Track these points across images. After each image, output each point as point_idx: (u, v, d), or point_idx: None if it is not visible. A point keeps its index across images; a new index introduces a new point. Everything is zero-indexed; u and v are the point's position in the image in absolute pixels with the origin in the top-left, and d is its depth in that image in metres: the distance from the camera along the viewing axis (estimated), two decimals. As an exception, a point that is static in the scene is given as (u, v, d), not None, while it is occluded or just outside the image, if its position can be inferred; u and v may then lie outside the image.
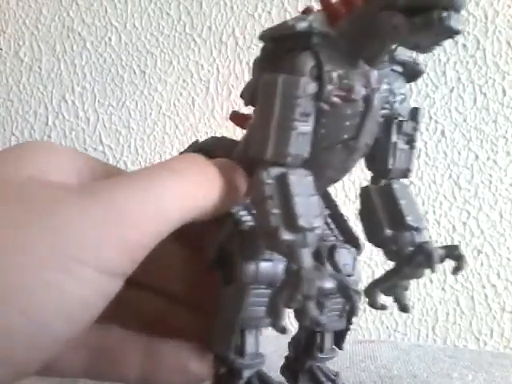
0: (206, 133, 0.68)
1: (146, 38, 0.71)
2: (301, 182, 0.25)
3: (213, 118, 0.69)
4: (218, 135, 0.34)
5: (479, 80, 0.63)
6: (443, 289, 0.63)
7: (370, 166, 0.30)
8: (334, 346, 0.35)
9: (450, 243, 0.63)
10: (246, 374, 0.30)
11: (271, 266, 0.29)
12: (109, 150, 0.70)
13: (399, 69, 0.28)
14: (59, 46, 0.72)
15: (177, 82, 0.70)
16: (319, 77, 0.25)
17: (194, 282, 0.31)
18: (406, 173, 0.30)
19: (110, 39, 0.71)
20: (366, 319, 0.64)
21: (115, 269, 0.20)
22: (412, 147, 0.29)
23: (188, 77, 0.70)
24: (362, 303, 0.64)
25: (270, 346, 0.46)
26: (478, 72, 0.63)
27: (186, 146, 0.35)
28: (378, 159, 0.29)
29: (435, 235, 0.63)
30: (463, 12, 0.22)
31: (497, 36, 0.63)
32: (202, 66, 0.69)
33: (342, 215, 0.34)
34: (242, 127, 0.31)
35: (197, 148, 0.34)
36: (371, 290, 0.29)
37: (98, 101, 0.71)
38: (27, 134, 0.72)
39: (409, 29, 0.22)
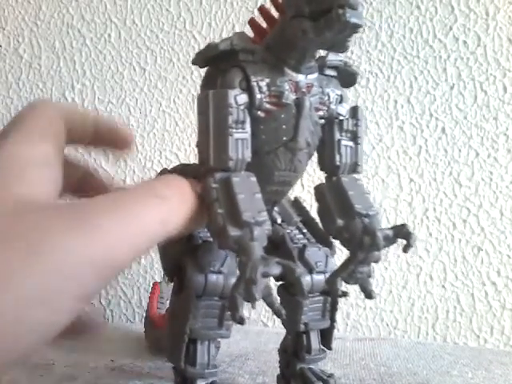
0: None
1: (146, 35, 0.70)
2: (244, 183, 0.27)
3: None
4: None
5: (480, 77, 0.63)
6: (443, 286, 0.63)
7: (321, 166, 0.33)
8: (322, 347, 0.36)
9: (450, 241, 0.63)
10: (200, 383, 0.32)
11: (222, 278, 0.31)
12: (108, 147, 0.69)
13: (332, 72, 0.31)
14: (59, 42, 0.72)
15: (177, 79, 0.70)
16: (248, 88, 0.28)
17: None
18: (354, 167, 0.32)
19: (109, 36, 0.71)
20: (366, 317, 0.64)
21: (93, 293, 0.21)
22: (356, 143, 0.32)
23: (188, 74, 0.69)
24: (363, 300, 0.64)
25: (270, 343, 0.47)
26: (478, 69, 0.63)
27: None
28: (326, 158, 0.32)
29: (436, 232, 0.63)
30: (360, 7, 0.24)
31: (497, 33, 0.63)
32: (201, 62, 0.69)
33: (313, 219, 0.36)
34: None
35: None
36: (331, 280, 0.30)
37: (98, 98, 0.71)
38: (27, 131, 0.72)
39: (314, 30, 0.25)
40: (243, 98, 0.28)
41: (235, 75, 0.28)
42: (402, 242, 0.28)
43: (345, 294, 0.31)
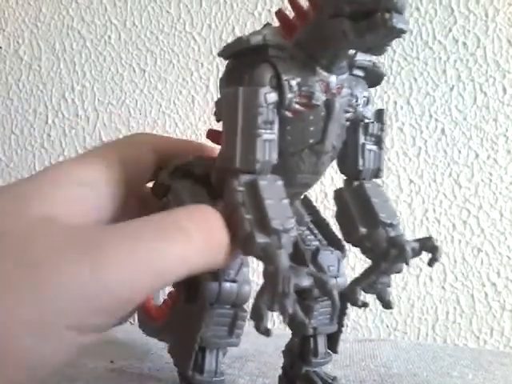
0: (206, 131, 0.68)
1: (146, 36, 0.70)
2: (271, 187, 0.26)
3: (213, 116, 0.68)
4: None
5: (479, 78, 0.63)
6: (443, 287, 0.63)
7: (342, 169, 0.31)
8: (328, 350, 0.35)
9: (450, 242, 0.63)
10: None
11: (235, 286, 0.29)
12: (108, 148, 0.69)
13: (360, 73, 0.29)
14: (59, 44, 0.72)
15: (177, 81, 0.70)
16: (279, 86, 0.26)
17: None
18: (377, 172, 0.31)
19: (109, 37, 0.71)
20: (366, 318, 0.64)
21: (100, 327, 0.20)
22: (380, 148, 0.31)
23: (188, 75, 0.69)
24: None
25: (271, 346, 0.47)
26: (478, 70, 0.63)
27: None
28: (348, 161, 0.30)
29: (435, 234, 0.63)
30: (406, 12, 0.22)
31: (497, 34, 0.63)
32: (201, 64, 0.69)
33: (324, 220, 0.35)
34: (218, 143, 0.31)
35: (172, 166, 0.34)
36: (352, 289, 0.30)
37: (98, 99, 0.71)
38: (27, 132, 0.72)
39: (355, 32, 0.23)
40: (273, 97, 0.26)
41: (265, 71, 0.26)
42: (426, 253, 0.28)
43: (365, 305, 0.30)
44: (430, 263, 0.28)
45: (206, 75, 0.69)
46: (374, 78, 0.30)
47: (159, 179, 0.33)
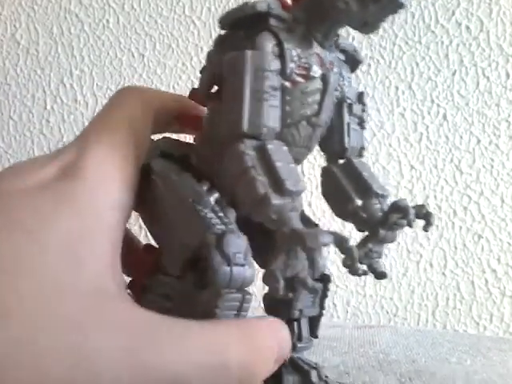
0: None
1: (145, 20, 0.70)
2: (279, 151, 0.26)
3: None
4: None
5: (482, 63, 0.62)
6: (443, 274, 0.63)
7: (326, 148, 0.32)
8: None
9: (451, 228, 0.63)
10: None
11: (243, 270, 0.29)
12: (107, 134, 0.69)
13: (342, 57, 0.31)
14: (56, 28, 0.71)
15: (176, 65, 0.69)
16: (280, 55, 0.26)
17: None
18: (360, 151, 0.32)
19: (107, 21, 0.70)
20: (366, 304, 0.64)
21: None
22: (362, 127, 0.32)
23: (187, 60, 0.69)
24: (362, 288, 0.64)
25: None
26: (481, 54, 0.62)
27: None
28: (334, 139, 0.31)
29: (436, 220, 0.63)
30: None
31: (501, 17, 0.62)
32: (201, 48, 0.68)
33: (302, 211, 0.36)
34: (203, 104, 0.32)
35: (152, 145, 0.33)
36: (351, 257, 0.30)
37: (97, 84, 0.70)
38: (25, 117, 0.71)
39: (358, 3, 0.24)
40: (276, 65, 0.26)
41: (268, 39, 0.26)
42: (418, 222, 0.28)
43: (365, 273, 0.30)
44: (426, 228, 0.28)
45: (206, 60, 0.68)
46: (352, 62, 0.31)
47: None
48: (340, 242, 0.24)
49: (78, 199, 0.20)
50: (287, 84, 0.27)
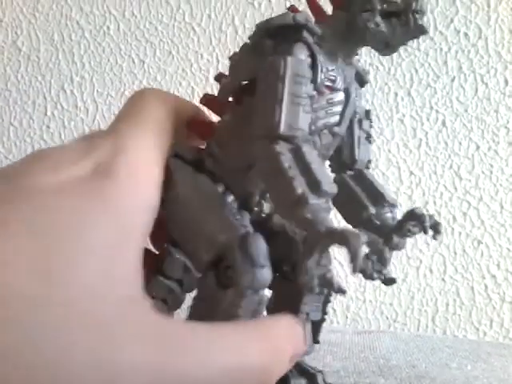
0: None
1: (145, 27, 0.70)
2: (312, 153, 0.27)
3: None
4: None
5: (481, 69, 0.63)
6: (443, 279, 0.63)
7: (336, 158, 0.33)
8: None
9: (450, 234, 0.63)
10: None
11: (264, 271, 0.29)
12: (108, 140, 0.69)
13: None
14: (57, 35, 0.72)
15: (176, 72, 0.69)
16: (313, 66, 0.28)
17: None
18: (367, 164, 0.34)
19: (108, 28, 0.71)
20: (365, 310, 0.64)
21: None
22: (370, 142, 0.34)
23: (187, 66, 0.69)
24: (362, 293, 0.64)
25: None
26: (479, 61, 0.63)
27: None
28: (345, 151, 0.33)
29: (435, 226, 0.63)
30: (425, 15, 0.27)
31: (499, 24, 0.62)
32: (201, 55, 0.69)
33: None
34: (213, 110, 0.32)
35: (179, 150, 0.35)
36: (364, 264, 0.30)
37: (97, 91, 0.71)
38: (26, 124, 0.71)
39: (388, 27, 0.27)
40: (310, 73, 0.28)
41: (303, 49, 0.28)
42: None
43: (379, 278, 0.31)
44: (434, 237, 0.29)
45: (206, 66, 0.68)
46: (360, 82, 0.33)
47: None
48: (374, 242, 0.25)
49: (113, 200, 0.20)
50: (315, 93, 0.28)
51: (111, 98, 0.70)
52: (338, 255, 0.55)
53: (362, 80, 0.33)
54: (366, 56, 0.65)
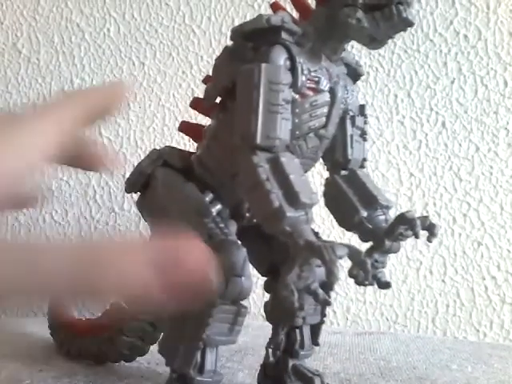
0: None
1: (145, 29, 0.70)
2: (291, 163, 0.26)
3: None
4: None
5: (480, 71, 0.63)
6: (443, 281, 0.63)
7: (329, 158, 0.33)
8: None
9: (450, 235, 0.63)
10: None
11: (240, 281, 0.29)
12: (108, 141, 0.69)
13: (345, 70, 0.31)
14: (57, 37, 0.72)
15: (176, 74, 0.69)
16: (292, 69, 0.27)
17: None
18: (362, 162, 0.33)
19: (108, 30, 0.71)
20: (366, 311, 0.64)
21: None
22: (364, 139, 0.33)
23: (187, 68, 0.69)
24: (362, 295, 0.64)
25: (260, 339, 0.46)
26: (479, 63, 0.63)
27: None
28: (337, 151, 0.32)
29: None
30: (415, 6, 0.25)
31: (499, 26, 0.62)
32: (201, 57, 0.69)
33: None
34: (203, 113, 0.33)
35: (155, 155, 0.35)
36: (355, 269, 0.30)
37: (97, 92, 0.71)
38: (26, 126, 0.71)
39: (369, 21, 0.26)
40: (288, 78, 0.27)
41: (280, 52, 0.27)
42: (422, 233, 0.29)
43: (371, 283, 0.31)
44: (429, 239, 0.29)
45: (206, 68, 0.68)
46: (354, 75, 0.32)
47: (138, 168, 0.34)
48: (355, 254, 0.24)
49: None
50: (297, 97, 0.28)
51: (111, 100, 0.70)
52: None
53: (355, 73, 0.32)
54: (365, 58, 0.65)
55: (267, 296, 0.36)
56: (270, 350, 0.35)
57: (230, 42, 0.30)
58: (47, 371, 0.41)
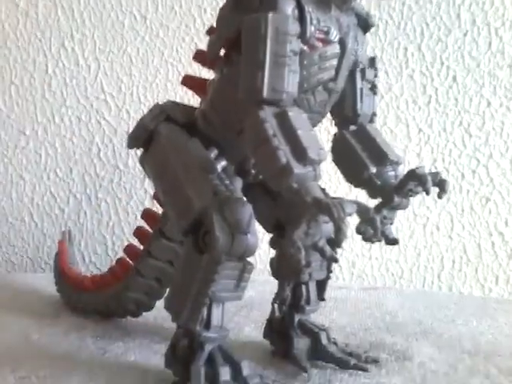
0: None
1: (146, -20, 0.68)
2: (299, 118, 0.25)
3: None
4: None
5: (495, 22, 0.61)
6: (450, 237, 0.63)
7: (338, 113, 0.32)
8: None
9: (458, 191, 0.62)
10: (209, 347, 0.30)
11: (246, 239, 0.28)
12: (111, 98, 0.68)
13: (355, 20, 0.30)
14: (56, -11, 0.69)
15: (179, 28, 0.67)
16: (301, 18, 0.26)
17: None
18: (372, 117, 0.32)
19: (108, -18, 0.68)
20: (371, 266, 0.64)
21: None
22: (375, 93, 0.32)
23: (191, 22, 0.67)
24: (368, 250, 0.64)
25: (266, 294, 0.46)
26: (494, 14, 0.61)
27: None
28: (346, 105, 0.31)
29: (443, 184, 0.62)
30: None
31: (515, -26, 0.60)
32: (204, 9, 0.67)
33: None
34: (209, 67, 0.31)
35: (158, 110, 0.34)
36: (363, 225, 0.30)
37: (99, 48, 0.69)
38: (27, 82, 0.70)
39: None
40: (296, 28, 0.26)
41: (288, 2, 0.26)
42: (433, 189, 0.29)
43: (379, 240, 0.30)
44: (440, 195, 0.28)
45: (210, 21, 0.66)
46: (364, 26, 0.31)
47: (141, 123, 0.33)
48: (364, 211, 0.24)
49: None
50: (305, 48, 0.26)
51: (113, 54, 0.69)
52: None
53: (366, 24, 0.31)
54: (374, 10, 0.62)
55: (273, 252, 0.36)
56: (276, 305, 0.36)
57: None
58: (56, 326, 0.42)
